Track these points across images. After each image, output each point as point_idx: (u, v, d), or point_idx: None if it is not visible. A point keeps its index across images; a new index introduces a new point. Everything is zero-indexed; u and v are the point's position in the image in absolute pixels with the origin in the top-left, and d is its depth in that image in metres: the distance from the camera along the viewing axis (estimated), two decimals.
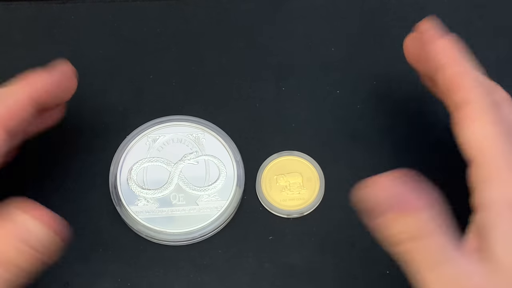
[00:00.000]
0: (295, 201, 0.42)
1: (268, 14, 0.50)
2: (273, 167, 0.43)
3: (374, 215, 0.30)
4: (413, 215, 0.29)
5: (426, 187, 0.31)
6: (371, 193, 0.30)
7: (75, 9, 0.50)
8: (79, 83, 0.47)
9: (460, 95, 0.32)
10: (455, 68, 0.33)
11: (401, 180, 0.30)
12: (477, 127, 0.31)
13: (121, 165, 0.43)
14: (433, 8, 0.50)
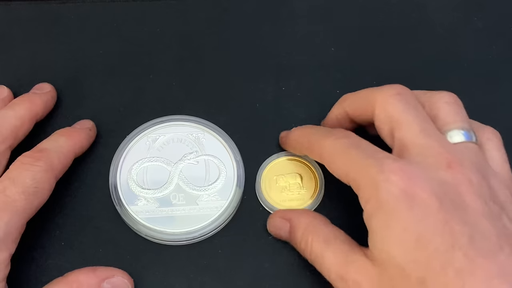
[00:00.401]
0: (295, 201, 0.42)
1: (268, 14, 0.50)
2: (273, 168, 0.43)
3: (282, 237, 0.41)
4: (296, 233, 0.39)
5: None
6: (274, 232, 0.42)
7: (75, 9, 0.50)
8: (79, 83, 0.47)
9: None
10: None
11: (279, 217, 0.41)
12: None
13: (121, 165, 0.43)
14: (433, 8, 0.50)
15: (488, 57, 0.48)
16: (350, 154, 0.36)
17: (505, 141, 0.45)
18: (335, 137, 0.37)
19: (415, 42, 0.49)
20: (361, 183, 0.34)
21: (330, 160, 0.37)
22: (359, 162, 0.35)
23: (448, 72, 0.48)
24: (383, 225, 0.33)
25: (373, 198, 0.33)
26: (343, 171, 0.36)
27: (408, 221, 0.32)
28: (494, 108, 0.46)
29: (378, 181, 0.33)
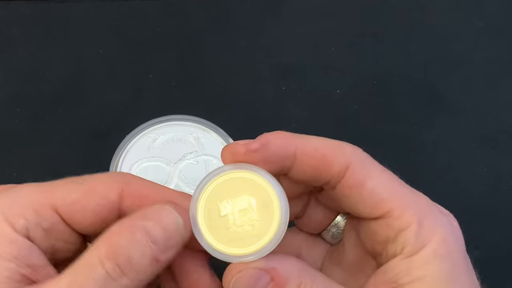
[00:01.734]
0: (244, 240, 0.28)
1: (268, 14, 0.50)
2: (216, 190, 0.29)
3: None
4: (288, 285, 0.28)
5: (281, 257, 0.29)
6: (239, 285, 0.28)
7: (75, 9, 0.50)
8: (79, 83, 0.47)
9: (336, 164, 0.29)
10: (309, 146, 0.29)
11: (252, 270, 0.28)
12: (374, 181, 0.29)
13: (120, 165, 0.43)
14: (433, 8, 0.50)
15: (488, 57, 0.48)
16: (391, 176, 0.30)
17: (506, 141, 0.45)
18: (355, 146, 0.30)
19: (415, 42, 0.49)
20: (414, 218, 0.28)
21: (365, 175, 0.29)
22: (409, 191, 0.29)
23: (448, 72, 0.48)
24: (445, 278, 0.28)
25: (434, 243, 0.28)
26: (382, 196, 0.29)
27: (471, 273, 0.29)
28: (494, 108, 0.46)
29: (443, 224, 0.29)
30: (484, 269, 0.41)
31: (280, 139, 0.29)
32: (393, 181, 0.29)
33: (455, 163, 0.44)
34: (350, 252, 0.33)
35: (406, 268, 0.28)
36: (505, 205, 0.43)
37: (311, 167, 0.29)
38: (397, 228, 0.28)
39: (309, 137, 0.30)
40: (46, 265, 0.28)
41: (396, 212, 0.28)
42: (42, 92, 0.46)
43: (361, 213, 0.30)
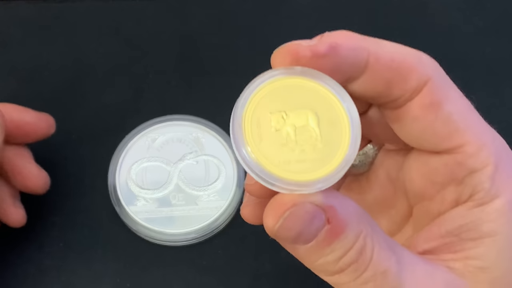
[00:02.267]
0: (303, 164, 0.22)
1: (268, 14, 0.50)
2: (267, 96, 0.23)
3: (295, 247, 0.23)
4: (343, 235, 0.22)
5: (342, 199, 0.23)
6: (288, 232, 0.22)
7: (75, 9, 0.50)
8: (79, 83, 0.47)
9: (413, 78, 0.23)
10: (384, 54, 0.24)
11: (310, 206, 0.22)
12: (452, 106, 0.24)
13: (120, 165, 0.43)
14: (434, 8, 0.50)
15: (488, 57, 0.48)
16: (470, 106, 0.25)
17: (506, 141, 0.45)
18: (435, 62, 0.25)
19: (415, 42, 0.49)
20: (491, 159, 0.23)
21: (445, 95, 0.24)
22: (488, 128, 0.25)
23: (448, 72, 0.48)
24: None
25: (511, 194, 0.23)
26: (458, 125, 0.23)
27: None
28: (494, 108, 0.46)
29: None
30: None
31: (352, 43, 0.24)
32: (472, 110, 0.24)
33: None
34: (376, 188, 0.28)
35: (474, 220, 0.23)
36: None
37: (384, 80, 0.23)
38: (469, 168, 0.23)
39: (383, 41, 0.25)
40: None
41: (472, 148, 0.23)
42: (42, 92, 0.46)
43: (427, 142, 0.24)
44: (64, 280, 0.41)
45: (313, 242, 0.22)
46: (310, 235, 0.22)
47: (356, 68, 0.23)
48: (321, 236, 0.22)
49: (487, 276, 0.23)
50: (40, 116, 0.39)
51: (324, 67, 0.23)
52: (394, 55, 0.24)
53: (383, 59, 0.23)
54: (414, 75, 0.23)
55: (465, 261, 0.23)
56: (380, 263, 0.22)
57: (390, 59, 0.24)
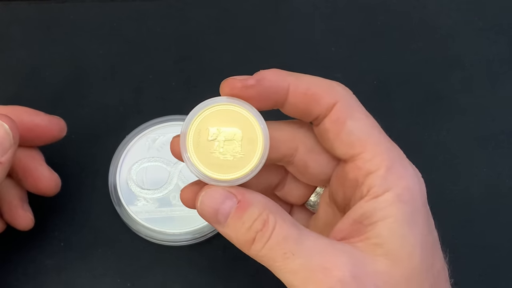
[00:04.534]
0: (224, 168, 0.31)
1: (268, 14, 0.50)
2: (210, 117, 0.31)
3: (219, 225, 0.30)
4: (250, 209, 0.29)
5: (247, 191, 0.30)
6: (207, 207, 0.30)
7: (75, 9, 0.50)
8: (79, 83, 0.47)
9: (324, 100, 0.31)
10: (302, 83, 0.31)
11: (224, 189, 0.30)
12: (354, 122, 0.31)
13: (120, 165, 0.43)
14: (434, 8, 0.50)
15: (488, 57, 0.48)
16: (372, 122, 0.31)
17: (506, 141, 0.45)
18: (346, 88, 0.32)
19: (415, 42, 0.49)
20: (384, 163, 0.30)
21: (348, 114, 0.31)
22: (385, 139, 0.31)
23: (448, 72, 0.48)
24: (406, 221, 0.29)
25: (399, 188, 0.30)
26: (358, 137, 0.31)
27: (430, 223, 0.31)
28: (494, 108, 0.46)
29: (411, 174, 0.30)
30: (484, 269, 0.41)
31: (275, 76, 0.31)
32: (373, 127, 0.31)
33: (455, 163, 0.44)
34: (322, 212, 0.35)
35: (370, 209, 0.30)
36: (505, 205, 0.43)
37: (303, 103, 0.31)
38: (366, 170, 0.30)
39: (302, 75, 0.32)
40: None
41: (368, 155, 0.30)
42: (42, 92, 0.47)
43: (337, 150, 0.31)
44: (64, 280, 0.41)
45: (229, 218, 0.30)
46: (225, 212, 0.30)
47: (280, 95, 0.31)
48: (233, 212, 0.29)
49: (382, 250, 0.29)
50: (51, 119, 0.39)
51: (253, 94, 0.30)
52: (309, 85, 0.31)
53: (300, 88, 0.31)
54: (325, 99, 0.31)
55: (366, 241, 0.29)
56: (282, 231, 0.29)
57: (306, 88, 0.31)
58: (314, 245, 0.29)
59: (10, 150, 0.35)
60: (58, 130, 0.39)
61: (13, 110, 0.38)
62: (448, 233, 0.42)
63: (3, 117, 0.35)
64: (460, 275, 0.40)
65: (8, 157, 0.35)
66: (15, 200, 0.39)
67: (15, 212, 0.39)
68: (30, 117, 0.39)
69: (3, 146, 0.34)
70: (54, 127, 0.39)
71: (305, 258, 0.29)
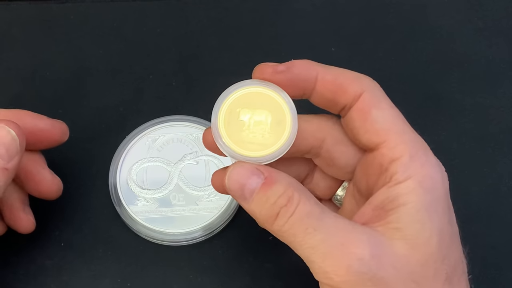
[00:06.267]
0: (253, 145, 0.32)
1: (268, 14, 0.50)
2: (240, 98, 0.33)
3: (244, 200, 0.31)
4: (276, 185, 0.30)
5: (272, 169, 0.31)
6: (234, 181, 0.31)
7: (75, 9, 0.50)
8: (79, 82, 0.47)
9: (351, 90, 0.32)
10: (330, 73, 0.33)
11: (252, 165, 0.31)
12: (379, 111, 0.32)
13: (120, 165, 0.43)
14: (434, 8, 0.50)
15: (488, 57, 0.48)
16: (397, 112, 0.32)
17: (506, 141, 0.45)
18: (372, 81, 0.33)
19: (415, 42, 0.49)
20: (407, 151, 0.31)
21: (374, 104, 0.32)
22: (409, 129, 0.32)
23: (448, 72, 0.48)
24: (427, 208, 0.30)
25: (421, 175, 0.30)
26: (383, 125, 0.31)
27: (451, 213, 0.32)
28: (494, 108, 0.46)
29: (434, 163, 0.31)
30: (484, 269, 0.41)
31: (305, 64, 0.32)
32: (398, 117, 0.32)
33: (455, 163, 0.44)
34: (347, 203, 0.36)
35: (392, 195, 0.30)
36: (505, 205, 0.43)
37: (330, 92, 0.32)
38: (389, 158, 0.31)
39: (330, 66, 0.33)
40: None
41: (392, 143, 0.31)
42: (42, 92, 0.47)
43: (362, 138, 0.32)
44: (64, 280, 0.41)
45: (254, 194, 0.30)
46: (251, 188, 0.30)
47: (309, 83, 0.32)
48: (259, 187, 0.30)
49: (401, 234, 0.30)
50: (54, 123, 0.39)
51: (283, 80, 0.32)
52: (337, 75, 0.32)
53: (328, 77, 0.32)
54: (352, 88, 0.32)
55: (386, 225, 0.30)
56: (305, 208, 0.30)
57: (334, 77, 0.32)
58: (335, 223, 0.30)
59: (16, 157, 0.35)
60: (60, 134, 0.39)
61: (15, 114, 0.38)
62: None
63: (10, 123, 0.35)
64: None
65: (14, 163, 0.35)
66: (16, 203, 0.39)
67: (17, 215, 0.39)
68: (33, 121, 0.38)
69: (9, 152, 0.34)
70: (56, 131, 0.39)
71: (326, 235, 0.29)
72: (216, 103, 0.32)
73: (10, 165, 0.34)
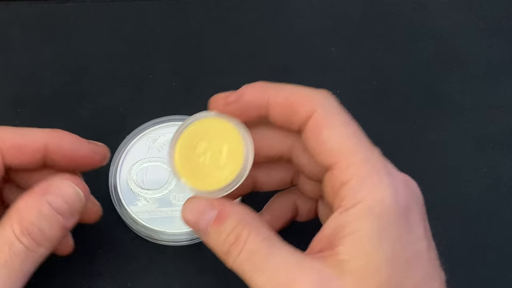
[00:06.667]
0: (207, 178, 0.32)
1: (268, 14, 0.50)
2: (197, 129, 0.33)
3: (201, 235, 0.32)
4: (226, 222, 0.31)
5: (229, 202, 0.32)
6: (189, 217, 0.32)
7: (75, 9, 0.50)
8: (79, 83, 0.47)
9: (302, 110, 0.31)
10: (281, 95, 0.32)
11: (205, 200, 0.32)
12: (331, 131, 0.30)
13: (121, 165, 0.43)
14: (433, 8, 0.50)
15: (488, 57, 0.48)
16: (351, 130, 0.31)
17: (506, 141, 0.45)
18: (332, 96, 0.32)
19: (415, 42, 0.49)
20: (357, 174, 0.29)
21: (325, 123, 0.31)
22: (364, 148, 0.30)
23: (448, 72, 0.48)
24: (375, 235, 0.29)
25: (370, 200, 0.29)
26: (333, 146, 0.30)
27: (406, 238, 0.29)
28: (494, 108, 0.46)
29: (386, 184, 0.29)
30: (484, 269, 0.41)
31: (255, 91, 0.32)
32: (351, 136, 0.31)
33: (455, 163, 0.44)
34: (321, 212, 0.36)
35: (342, 222, 0.29)
36: (505, 205, 0.43)
37: (283, 114, 0.32)
38: (340, 181, 0.30)
39: (284, 86, 0.32)
40: None
41: (342, 165, 0.30)
42: (42, 92, 0.47)
43: (316, 159, 0.31)
44: (64, 280, 0.41)
45: (208, 228, 0.31)
46: (205, 223, 0.31)
47: (261, 109, 0.32)
48: (211, 223, 0.31)
49: (350, 266, 0.28)
50: (95, 149, 0.37)
51: (235, 110, 0.32)
52: (288, 95, 0.32)
53: (280, 99, 0.31)
54: (303, 108, 0.31)
55: (335, 256, 0.29)
56: (252, 246, 0.30)
57: (285, 98, 0.31)
58: (281, 261, 0.29)
59: (77, 216, 0.34)
60: (100, 160, 0.37)
61: (55, 138, 0.35)
62: (448, 233, 0.42)
63: (78, 181, 0.34)
64: (460, 275, 0.40)
65: (73, 221, 0.34)
66: None
67: None
68: (73, 147, 0.36)
69: (71, 211, 0.33)
70: (97, 157, 0.37)
71: (271, 274, 0.29)
72: (172, 137, 0.32)
73: (70, 223, 0.33)
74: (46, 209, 0.32)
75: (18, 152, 0.34)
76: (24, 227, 0.32)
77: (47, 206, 0.32)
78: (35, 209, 0.32)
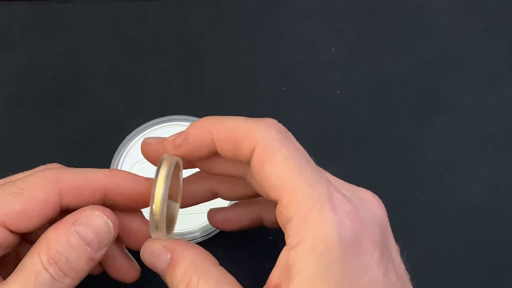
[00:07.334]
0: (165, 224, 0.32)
1: (268, 14, 0.50)
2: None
3: (160, 273, 0.33)
4: (176, 268, 0.31)
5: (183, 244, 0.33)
6: (147, 259, 0.33)
7: (75, 9, 0.50)
8: (79, 83, 0.47)
9: (245, 146, 0.30)
10: (223, 131, 0.31)
11: (159, 243, 0.33)
12: (273, 167, 0.30)
13: (121, 165, 0.43)
14: (433, 8, 0.50)
15: (488, 57, 0.48)
16: (292, 164, 0.30)
17: (505, 141, 0.45)
18: (274, 127, 0.31)
19: (415, 42, 0.49)
20: (299, 211, 0.29)
21: (266, 159, 0.30)
22: (306, 183, 0.29)
23: (448, 72, 0.48)
24: (317, 276, 0.28)
25: (312, 238, 0.28)
26: (276, 182, 0.30)
27: (354, 272, 0.29)
28: (494, 108, 0.46)
29: (329, 221, 0.28)
30: (484, 269, 0.41)
31: (199, 130, 0.32)
32: (292, 170, 0.29)
33: (455, 163, 0.44)
34: None
35: (289, 260, 0.29)
36: (505, 205, 0.43)
37: (229, 150, 0.31)
38: (285, 217, 0.29)
39: (225, 120, 0.32)
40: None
41: (285, 201, 0.29)
42: (42, 92, 0.47)
43: (264, 194, 0.31)
44: None
45: (164, 272, 0.32)
46: (161, 266, 0.32)
47: (207, 147, 0.32)
48: (166, 268, 0.32)
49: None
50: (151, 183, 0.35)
51: (184, 153, 0.32)
52: (230, 132, 0.31)
53: (222, 136, 0.31)
54: (245, 144, 0.30)
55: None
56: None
57: (227, 135, 0.31)
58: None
59: (105, 248, 0.33)
60: None
61: (113, 177, 0.34)
62: (448, 233, 0.42)
63: (108, 213, 0.32)
64: (460, 275, 0.40)
65: (101, 254, 0.33)
66: (117, 254, 0.37)
67: (122, 267, 0.37)
68: (131, 185, 0.35)
69: (101, 243, 0.32)
70: None
71: None
72: (161, 196, 0.32)
73: (97, 256, 0.32)
74: (75, 239, 0.31)
75: (77, 194, 0.33)
76: (51, 256, 0.31)
77: (75, 236, 0.32)
78: (64, 239, 0.31)
